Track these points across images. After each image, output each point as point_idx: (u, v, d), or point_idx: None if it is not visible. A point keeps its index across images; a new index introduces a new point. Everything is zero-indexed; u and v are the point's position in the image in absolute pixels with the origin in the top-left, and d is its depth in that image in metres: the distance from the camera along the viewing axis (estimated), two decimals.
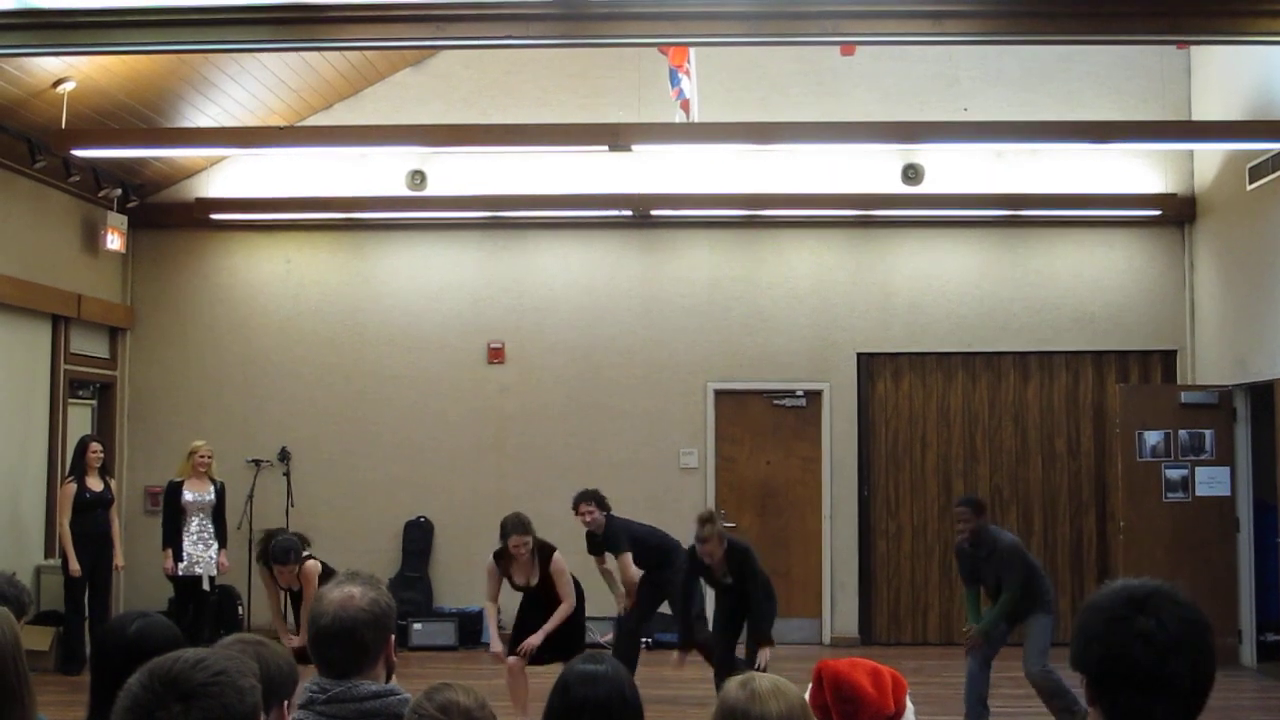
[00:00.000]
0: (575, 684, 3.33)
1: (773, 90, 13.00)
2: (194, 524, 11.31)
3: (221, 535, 11.51)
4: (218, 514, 11.52)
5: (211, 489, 11.48)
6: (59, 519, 11.21)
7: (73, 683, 10.08)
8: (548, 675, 4.25)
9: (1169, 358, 13.11)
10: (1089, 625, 2.32)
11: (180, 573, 11.21)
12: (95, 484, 11.29)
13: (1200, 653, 2.27)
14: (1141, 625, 2.24)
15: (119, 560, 11.47)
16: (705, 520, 9.17)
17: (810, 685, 4.09)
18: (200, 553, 11.29)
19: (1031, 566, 9.05)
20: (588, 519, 9.97)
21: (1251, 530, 11.93)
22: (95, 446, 11.44)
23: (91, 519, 11.17)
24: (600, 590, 10.36)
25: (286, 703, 3.05)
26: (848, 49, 11.83)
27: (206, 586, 11.38)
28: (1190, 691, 2.26)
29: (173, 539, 11.25)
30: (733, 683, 3.06)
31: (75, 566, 10.97)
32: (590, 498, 10.05)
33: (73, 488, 11.19)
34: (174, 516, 11.31)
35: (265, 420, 13.36)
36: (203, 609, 11.42)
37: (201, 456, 11.46)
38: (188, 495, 11.32)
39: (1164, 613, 2.26)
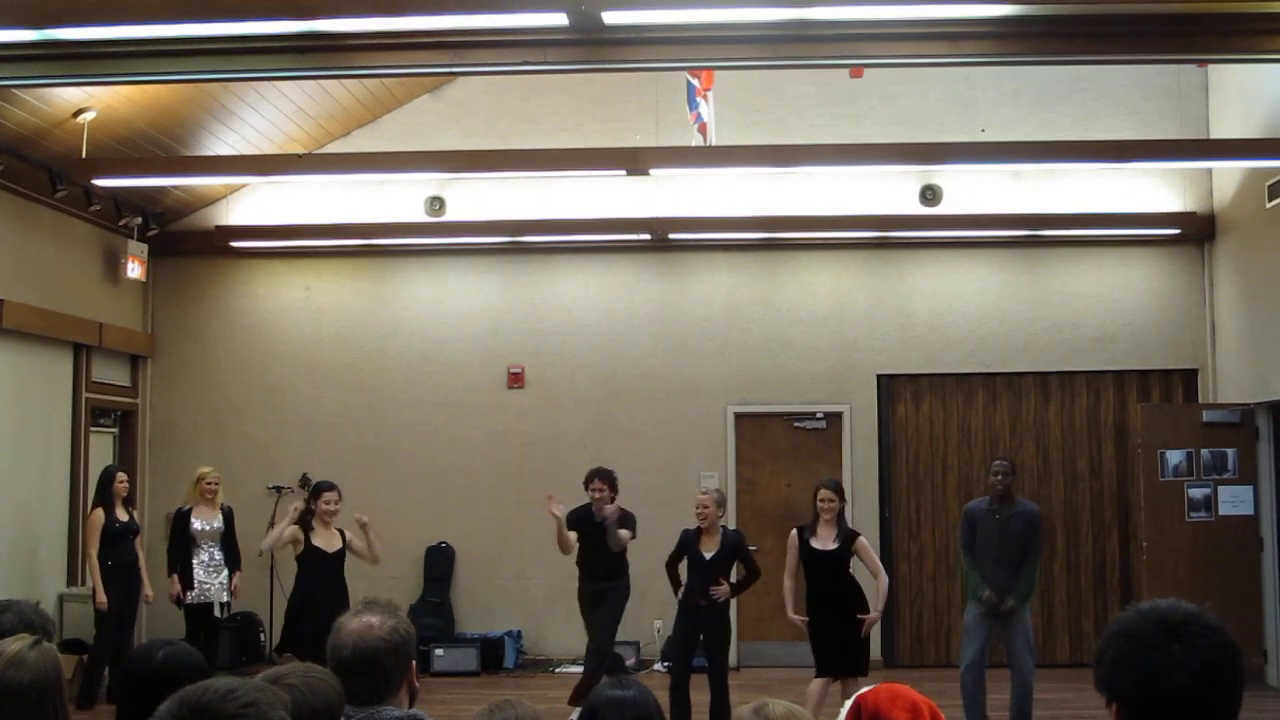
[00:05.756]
0: (604, 709, 3.34)
1: (790, 113, 13.01)
2: (204, 552, 11.11)
3: (234, 560, 11.33)
4: (227, 540, 11.33)
5: (219, 516, 11.31)
6: (88, 550, 11.09)
7: (87, 715, 10.01)
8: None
9: (1190, 376, 13.06)
10: (1122, 653, 2.28)
11: (191, 600, 11.02)
12: (122, 514, 11.20)
13: (1234, 678, 2.25)
14: (1177, 653, 2.22)
15: (148, 591, 11.35)
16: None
17: (845, 713, 4.04)
18: (211, 580, 11.15)
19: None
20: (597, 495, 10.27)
21: (1276, 549, 11.87)
22: (122, 477, 11.37)
23: (121, 549, 11.08)
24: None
25: None
26: (856, 71, 11.84)
27: (218, 613, 11.26)
28: (1224, 717, 2.24)
29: (181, 566, 11.07)
30: (745, 709, 3.05)
31: (103, 598, 10.85)
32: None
33: (101, 517, 11.06)
34: (182, 544, 11.11)
35: (286, 446, 13.38)
36: (213, 636, 11.33)
37: (208, 483, 11.28)
38: (196, 524, 11.13)
39: (1199, 639, 2.24)
